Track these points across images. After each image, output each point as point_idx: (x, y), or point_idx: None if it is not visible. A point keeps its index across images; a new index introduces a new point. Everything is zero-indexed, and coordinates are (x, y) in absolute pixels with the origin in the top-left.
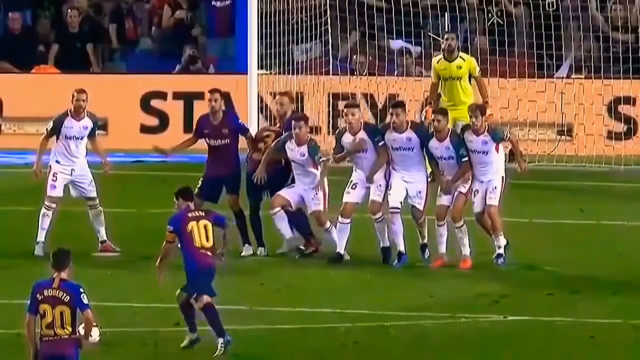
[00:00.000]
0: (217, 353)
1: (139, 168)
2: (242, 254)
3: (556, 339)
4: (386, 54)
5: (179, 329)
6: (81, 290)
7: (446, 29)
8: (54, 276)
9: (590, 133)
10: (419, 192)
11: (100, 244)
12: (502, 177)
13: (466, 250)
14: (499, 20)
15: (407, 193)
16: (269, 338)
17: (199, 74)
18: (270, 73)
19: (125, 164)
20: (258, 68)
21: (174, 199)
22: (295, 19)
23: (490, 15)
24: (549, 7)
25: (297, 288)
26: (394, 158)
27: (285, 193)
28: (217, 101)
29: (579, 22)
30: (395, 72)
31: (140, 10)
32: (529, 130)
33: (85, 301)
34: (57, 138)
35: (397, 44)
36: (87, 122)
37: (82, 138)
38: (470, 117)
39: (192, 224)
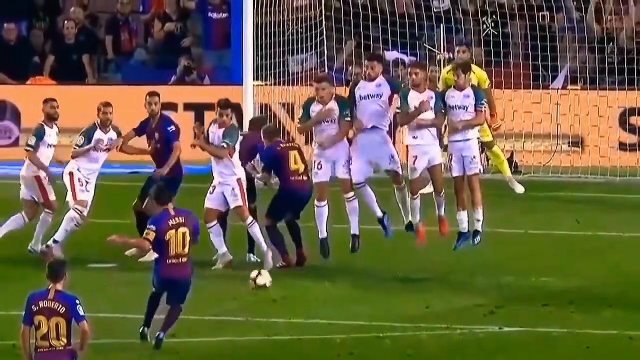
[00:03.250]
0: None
1: (135, 179)
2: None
3: (552, 350)
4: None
5: (176, 340)
6: (77, 301)
7: (459, 41)
8: (49, 287)
9: (587, 144)
10: (392, 156)
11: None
12: (477, 140)
13: (442, 212)
14: (494, 32)
15: (378, 163)
16: (265, 349)
17: (195, 85)
18: (266, 84)
19: (122, 175)
20: (254, 79)
21: None
22: (290, 31)
23: (485, 26)
24: (542, 19)
25: (293, 299)
26: (361, 109)
27: (211, 204)
28: (156, 105)
29: (574, 33)
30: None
31: (135, 21)
32: (524, 142)
33: (82, 313)
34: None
35: (392, 55)
36: (112, 135)
37: (108, 151)
38: (454, 75)
39: (170, 233)
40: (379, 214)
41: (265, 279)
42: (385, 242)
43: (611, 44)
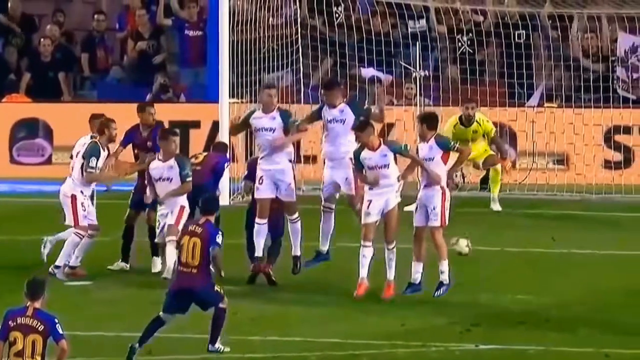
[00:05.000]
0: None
1: (110, 197)
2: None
3: None
4: (357, 82)
5: (151, 357)
6: (56, 320)
7: (467, 99)
8: (27, 305)
9: (562, 161)
10: (346, 178)
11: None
12: (443, 193)
13: (391, 275)
14: (470, 50)
15: (339, 184)
16: None
17: (171, 103)
18: (242, 102)
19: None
20: (230, 97)
21: None
22: (266, 48)
23: (460, 44)
24: (519, 37)
25: (268, 316)
26: (329, 131)
27: (169, 220)
28: (154, 114)
29: (550, 51)
30: (366, 101)
31: (111, 39)
32: None
33: (60, 331)
34: (83, 167)
35: (368, 72)
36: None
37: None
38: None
39: (185, 238)
40: (323, 248)
41: (461, 247)
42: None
43: (586, 61)
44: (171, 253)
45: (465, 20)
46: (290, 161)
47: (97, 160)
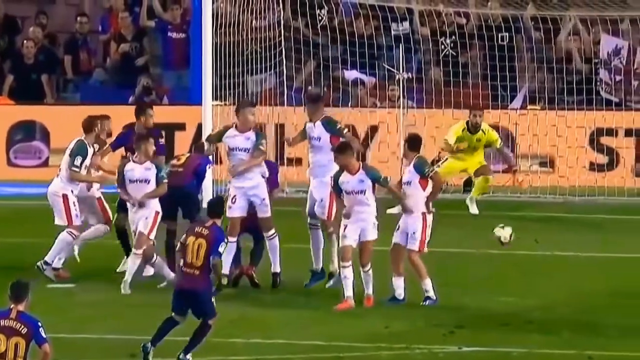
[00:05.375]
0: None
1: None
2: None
3: None
4: (341, 84)
5: None
6: (39, 324)
7: (474, 105)
8: (11, 307)
9: (546, 163)
10: (321, 199)
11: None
12: (424, 219)
13: (369, 290)
14: (453, 52)
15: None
16: None
17: (155, 105)
18: (225, 104)
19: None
20: (213, 99)
21: None
22: (249, 50)
23: (444, 47)
24: (502, 40)
25: (251, 319)
26: (311, 148)
27: (142, 228)
28: (154, 117)
29: (533, 53)
30: (350, 103)
31: (94, 41)
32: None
33: (44, 335)
34: (68, 165)
35: (351, 74)
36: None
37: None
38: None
39: (190, 239)
40: (318, 265)
41: (506, 232)
42: None
43: (570, 64)
44: (132, 264)
45: (449, 23)
46: (263, 177)
47: (83, 159)
